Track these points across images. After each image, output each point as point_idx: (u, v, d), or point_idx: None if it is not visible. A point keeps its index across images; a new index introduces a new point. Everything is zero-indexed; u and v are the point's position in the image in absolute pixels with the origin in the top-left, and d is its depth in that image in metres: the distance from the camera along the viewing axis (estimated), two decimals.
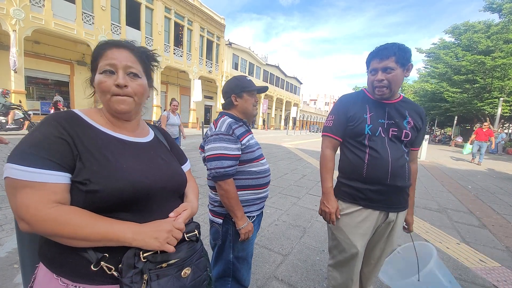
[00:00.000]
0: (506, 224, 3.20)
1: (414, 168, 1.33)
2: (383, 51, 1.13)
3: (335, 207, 1.23)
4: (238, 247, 1.23)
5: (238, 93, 1.27)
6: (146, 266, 0.56)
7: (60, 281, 0.56)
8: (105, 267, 0.55)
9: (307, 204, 3.54)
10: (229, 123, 1.18)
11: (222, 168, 1.09)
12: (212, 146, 1.13)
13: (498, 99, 16.61)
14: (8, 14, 10.01)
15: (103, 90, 0.64)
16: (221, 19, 22.27)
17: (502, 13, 17.18)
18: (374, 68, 1.16)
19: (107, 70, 0.63)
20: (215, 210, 1.25)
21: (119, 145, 0.66)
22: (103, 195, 0.56)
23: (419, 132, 1.24)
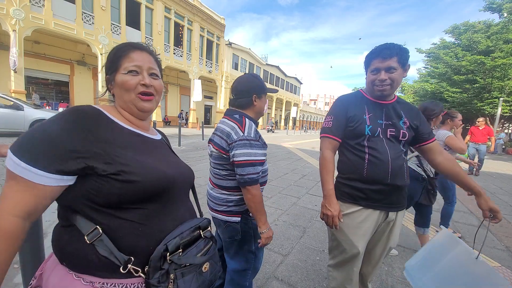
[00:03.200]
0: (506, 224, 3.20)
1: (449, 156, 1.26)
2: (385, 50, 1.13)
3: (338, 209, 1.19)
4: (258, 237, 1.22)
5: (259, 93, 1.25)
6: (172, 266, 0.59)
7: (83, 280, 0.56)
8: (132, 269, 0.56)
9: (307, 204, 3.54)
10: (255, 129, 1.18)
11: (256, 173, 1.10)
12: (244, 152, 1.10)
13: (498, 99, 16.60)
14: (8, 14, 10.01)
15: (128, 89, 0.67)
16: (221, 19, 22.27)
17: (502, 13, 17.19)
18: (376, 68, 1.16)
19: (132, 71, 0.67)
20: (231, 210, 1.22)
21: (140, 140, 0.69)
22: (142, 185, 0.59)
23: (416, 130, 1.24)
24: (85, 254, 0.56)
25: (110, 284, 0.57)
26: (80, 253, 0.56)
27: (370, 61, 1.19)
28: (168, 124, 20.30)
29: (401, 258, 2.21)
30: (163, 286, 0.57)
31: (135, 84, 0.67)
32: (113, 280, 0.57)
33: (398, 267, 2.08)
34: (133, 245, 0.59)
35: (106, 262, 0.56)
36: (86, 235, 0.55)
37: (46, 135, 0.54)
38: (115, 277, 0.57)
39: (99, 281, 0.56)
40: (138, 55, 0.69)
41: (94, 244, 0.55)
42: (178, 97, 21.94)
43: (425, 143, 1.28)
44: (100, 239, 0.56)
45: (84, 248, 0.56)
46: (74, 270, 0.56)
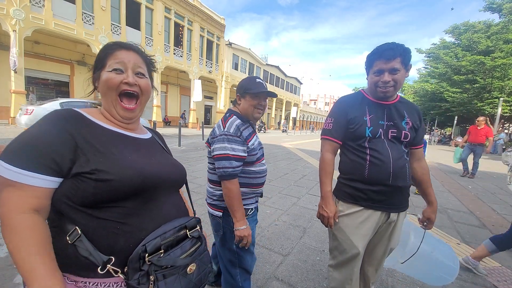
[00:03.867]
0: (506, 224, 3.19)
1: (424, 165, 1.32)
2: (389, 51, 1.11)
3: (334, 211, 1.22)
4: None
5: (242, 93, 1.30)
6: (152, 267, 0.57)
7: (68, 279, 0.57)
8: (112, 270, 0.56)
9: (307, 204, 3.54)
10: (237, 125, 1.22)
11: (231, 167, 1.14)
12: (221, 146, 1.16)
13: (498, 99, 16.62)
14: (8, 14, 10.02)
15: (110, 87, 0.67)
16: (221, 19, 22.27)
17: (502, 13, 17.20)
18: (380, 69, 1.14)
19: (116, 69, 0.67)
20: (215, 204, 1.29)
21: (121, 139, 0.69)
22: (115, 183, 0.58)
23: (417, 131, 1.25)
24: (68, 254, 0.56)
25: (92, 283, 0.57)
26: (63, 252, 0.56)
27: (373, 62, 1.17)
28: (168, 124, 20.29)
29: None
30: (143, 287, 0.56)
31: (117, 82, 0.66)
32: (96, 280, 0.57)
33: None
34: (112, 245, 0.58)
35: (87, 262, 0.56)
36: (68, 235, 0.56)
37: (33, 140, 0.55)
38: (97, 277, 0.57)
39: (81, 280, 0.57)
40: (124, 54, 0.68)
41: (75, 244, 0.56)
42: (178, 97, 21.94)
43: (414, 148, 1.29)
44: (79, 240, 0.56)
45: (66, 248, 0.56)
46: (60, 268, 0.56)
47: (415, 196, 4.17)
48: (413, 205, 3.75)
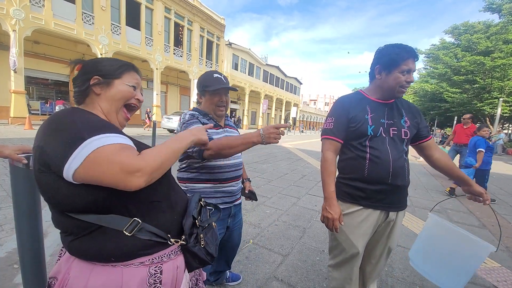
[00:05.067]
0: (506, 225, 3.20)
1: (443, 152, 1.31)
2: (415, 52, 1.12)
3: (339, 212, 1.17)
4: None
5: (201, 91, 1.28)
6: (199, 229, 0.75)
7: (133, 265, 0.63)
8: (174, 241, 0.69)
9: (307, 204, 3.54)
10: (191, 114, 1.23)
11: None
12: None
13: (497, 99, 16.63)
14: (8, 14, 10.01)
15: (125, 98, 0.77)
16: (221, 19, 22.27)
17: (502, 13, 17.22)
18: (410, 69, 1.11)
19: (134, 86, 0.79)
20: None
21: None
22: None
23: (418, 127, 1.26)
24: (129, 244, 0.62)
25: (157, 257, 0.67)
26: (124, 246, 0.62)
27: (402, 61, 1.10)
28: None
29: (401, 259, 2.21)
30: (198, 245, 0.73)
31: (132, 96, 0.79)
32: (158, 254, 0.67)
33: (398, 267, 2.08)
34: (166, 221, 0.70)
35: (149, 243, 0.65)
36: (124, 230, 0.61)
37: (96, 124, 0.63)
38: (158, 251, 0.67)
39: (147, 259, 0.65)
40: (137, 76, 0.82)
41: (135, 234, 0.62)
42: (178, 97, 21.93)
43: (424, 141, 1.29)
44: (140, 228, 0.63)
45: (126, 240, 0.62)
46: (121, 261, 0.62)
47: (415, 196, 4.18)
48: (413, 205, 3.75)
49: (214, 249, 0.79)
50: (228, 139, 1.09)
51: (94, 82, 0.73)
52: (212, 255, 0.77)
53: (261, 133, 1.04)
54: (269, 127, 1.02)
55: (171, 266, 0.68)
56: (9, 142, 6.55)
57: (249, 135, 1.07)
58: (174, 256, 0.70)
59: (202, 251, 0.74)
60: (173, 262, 0.69)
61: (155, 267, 0.65)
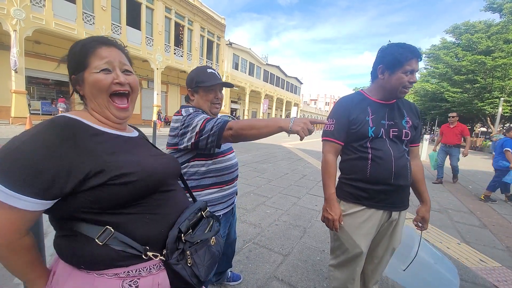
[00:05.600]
0: (506, 224, 3.19)
1: (419, 164, 1.33)
2: (419, 52, 1.11)
3: (339, 213, 1.20)
4: None
5: (193, 88, 1.18)
6: (187, 245, 0.65)
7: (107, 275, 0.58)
8: (152, 255, 0.61)
9: (307, 204, 3.53)
10: (194, 109, 1.15)
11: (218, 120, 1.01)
12: (196, 120, 1.04)
13: (498, 99, 16.59)
14: (8, 14, 10.02)
15: (101, 89, 0.64)
16: (222, 19, 22.27)
17: (503, 13, 17.18)
18: (413, 69, 1.10)
19: (105, 69, 0.64)
20: None
21: (122, 140, 0.69)
22: (140, 183, 0.61)
23: (416, 129, 1.25)
24: (102, 253, 0.57)
25: (134, 270, 0.60)
26: (96, 255, 0.57)
27: (406, 61, 1.09)
28: (168, 124, 20.29)
29: None
30: (182, 263, 0.63)
31: (108, 83, 0.64)
32: (136, 266, 0.60)
33: None
34: (147, 233, 0.62)
35: (125, 254, 0.58)
36: (96, 238, 0.56)
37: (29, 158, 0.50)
38: (135, 263, 0.60)
39: (122, 271, 0.59)
40: (107, 51, 0.65)
41: (107, 243, 0.57)
42: (179, 97, 21.94)
43: (412, 145, 1.30)
44: (113, 237, 0.57)
45: (98, 249, 0.57)
46: (94, 269, 0.58)
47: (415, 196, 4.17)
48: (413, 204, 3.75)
49: (204, 271, 0.66)
50: (250, 120, 0.99)
51: (73, 83, 0.66)
52: (199, 278, 0.65)
53: (291, 120, 0.91)
54: (302, 118, 0.91)
55: (150, 282, 0.60)
56: None
57: (276, 118, 0.95)
58: (155, 271, 0.62)
59: (186, 271, 0.63)
60: (154, 278, 0.61)
61: (130, 281, 0.58)
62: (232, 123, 0.98)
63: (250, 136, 0.97)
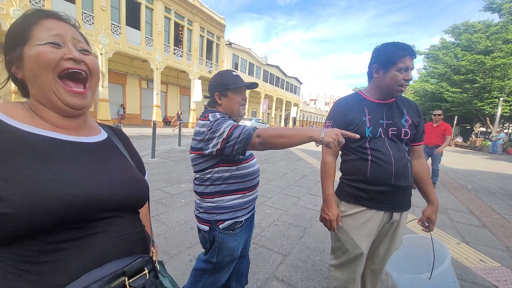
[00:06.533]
0: (506, 224, 3.20)
1: (424, 163, 1.31)
2: (413, 49, 1.11)
3: (336, 214, 1.21)
4: (224, 252, 1.17)
5: (222, 91, 1.18)
6: None
7: None
8: None
9: (307, 204, 3.54)
10: (221, 114, 1.14)
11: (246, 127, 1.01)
12: (224, 126, 1.03)
13: (498, 99, 16.61)
14: (8, 14, 10.02)
15: (46, 64, 0.48)
16: (221, 19, 22.27)
17: (502, 13, 17.20)
18: (407, 67, 1.10)
19: (52, 42, 0.49)
20: (201, 217, 1.18)
21: (45, 147, 0.48)
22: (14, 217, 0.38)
23: (417, 127, 1.24)
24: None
25: None
26: None
27: (399, 59, 1.09)
28: (168, 124, 20.29)
29: None
30: None
31: (57, 58, 0.49)
32: None
33: None
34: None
35: None
36: None
37: None
38: None
39: None
40: (55, 24, 0.52)
41: None
42: (178, 97, 21.94)
43: (413, 144, 1.28)
44: None
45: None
46: None
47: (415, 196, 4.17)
48: (413, 205, 3.74)
49: None
50: (279, 128, 0.97)
51: (7, 61, 0.51)
52: None
53: (322, 130, 0.90)
54: (334, 129, 0.90)
55: None
56: None
57: (306, 128, 0.96)
58: None
59: None
60: None
61: None
62: (260, 130, 0.97)
63: (279, 145, 0.96)
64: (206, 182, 1.14)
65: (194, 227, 2.56)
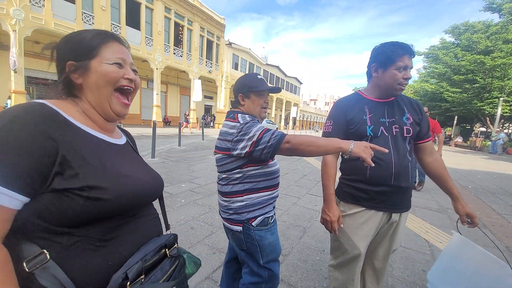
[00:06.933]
0: (506, 224, 3.20)
1: (438, 159, 1.28)
2: (411, 48, 1.11)
3: (337, 215, 1.20)
4: (266, 249, 1.17)
5: (245, 93, 1.21)
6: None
7: None
8: None
9: (307, 204, 3.53)
10: (251, 117, 1.17)
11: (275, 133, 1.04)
12: (254, 130, 1.06)
13: (498, 99, 16.61)
14: (8, 14, 10.02)
15: (110, 81, 0.60)
16: (221, 19, 22.27)
17: (502, 13, 17.20)
18: (406, 65, 1.10)
19: (118, 63, 0.61)
20: (232, 218, 1.17)
21: (106, 147, 0.60)
22: (111, 202, 0.52)
23: (420, 124, 1.22)
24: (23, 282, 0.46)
25: None
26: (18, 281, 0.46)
27: (398, 57, 1.09)
28: (168, 124, 20.29)
29: (401, 259, 2.21)
30: None
31: (118, 76, 0.61)
32: None
33: (398, 267, 2.08)
34: (88, 265, 0.50)
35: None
36: (26, 261, 0.45)
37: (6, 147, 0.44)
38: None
39: None
40: (120, 48, 0.64)
41: (34, 272, 0.45)
42: (178, 97, 21.95)
43: (421, 142, 1.26)
44: (44, 267, 0.46)
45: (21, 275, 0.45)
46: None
47: (415, 196, 4.17)
48: (413, 204, 3.75)
49: None
50: (309, 136, 1.00)
51: (70, 69, 0.58)
52: None
53: (351, 143, 0.92)
54: (362, 142, 0.92)
55: None
56: None
57: (335, 139, 0.98)
58: None
59: None
60: None
61: None
62: (290, 137, 1.01)
63: (307, 153, 1.00)
64: (235, 181, 1.15)
65: (194, 227, 2.56)
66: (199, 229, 2.52)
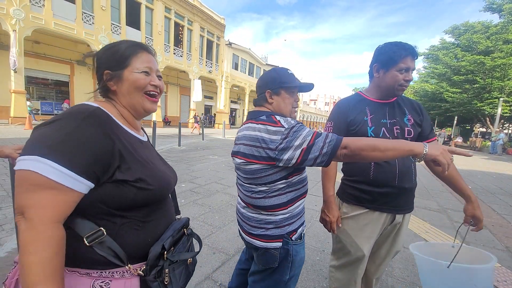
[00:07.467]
0: (506, 224, 3.20)
1: None
2: (414, 50, 1.09)
3: (336, 216, 1.20)
4: (295, 265, 1.03)
5: (275, 88, 1.02)
6: (167, 262, 0.66)
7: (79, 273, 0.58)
8: (132, 269, 0.61)
9: (307, 204, 3.53)
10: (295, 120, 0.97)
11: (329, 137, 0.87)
12: (303, 135, 0.87)
13: (498, 99, 16.62)
14: (8, 14, 10.01)
15: (139, 87, 0.69)
16: (221, 19, 22.26)
17: (502, 14, 17.21)
18: (408, 67, 1.09)
19: (145, 71, 0.70)
20: (271, 234, 0.98)
21: (140, 144, 0.72)
22: (154, 192, 0.65)
23: (421, 125, 1.21)
24: (84, 254, 0.57)
25: (108, 272, 0.59)
26: (77, 253, 0.57)
27: (400, 59, 1.07)
28: (168, 124, 20.29)
29: (401, 259, 2.21)
30: (159, 281, 0.64)
31: (146, 83, 0.70)
32: (110, 270, 0.60)
33: (398, 267, 2.08)
34: (135, 241, 0.63)
35: (104, 260, 0.58)
36: (86, 237, 0.55)
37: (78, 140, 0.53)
38: (112, 268, 0.60)
39: (95, 271, 0.58)
40: (148, 57, 0.72)
41: (93, 246, 0.56)
42: (178, 97, 21.93)
43: (428, 142, 1.23)
44: (102, 241, 0.57)
45: (82, 249, 0.56)
46: (68, 266, 0.56)
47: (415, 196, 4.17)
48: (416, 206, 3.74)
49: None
50: (371, 139, 0.86)
51: (107, 78, 0.68)
52: None
53: (424, 144, 0.80)
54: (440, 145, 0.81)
55: (122, 285, 0.60)
56: (9, 142, 6.55)
57: (405, 141, 0.85)
58: (128, 276, 0.61)
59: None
60: (126, 282, 0.61)
61: (102, 281, 0.58)
62: (348, 141, 0.84)
63: (370, 158, 0.85)
64: (276, 192, 0.97)
65: (194, 227, 2.56)
66: (199, 229, 2.52)
